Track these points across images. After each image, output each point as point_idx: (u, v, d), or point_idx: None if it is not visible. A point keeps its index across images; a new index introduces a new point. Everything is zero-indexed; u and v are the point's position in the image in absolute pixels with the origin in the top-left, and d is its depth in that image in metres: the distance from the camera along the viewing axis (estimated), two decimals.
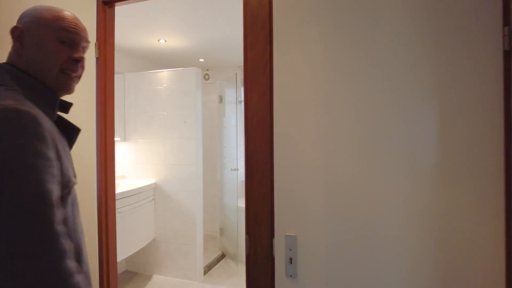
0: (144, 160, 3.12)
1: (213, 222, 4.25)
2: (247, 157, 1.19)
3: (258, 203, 1.17)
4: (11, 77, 0.74)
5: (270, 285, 1.12)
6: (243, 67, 1.22)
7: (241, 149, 3.96)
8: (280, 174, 1.11)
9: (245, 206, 1.20)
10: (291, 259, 1.08)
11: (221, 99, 3.75)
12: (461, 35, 0.90)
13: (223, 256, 3.60)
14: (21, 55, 0.78)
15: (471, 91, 0.89)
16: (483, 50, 0.88)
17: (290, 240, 1.08)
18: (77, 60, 0.81)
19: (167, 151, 3.03)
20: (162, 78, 3.04)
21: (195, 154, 2.94)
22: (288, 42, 1.08)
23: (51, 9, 0.80)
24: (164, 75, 3.03)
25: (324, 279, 1.04)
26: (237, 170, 3.48)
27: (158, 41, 3.02)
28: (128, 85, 3.14)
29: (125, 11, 2.31)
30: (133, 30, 2.72)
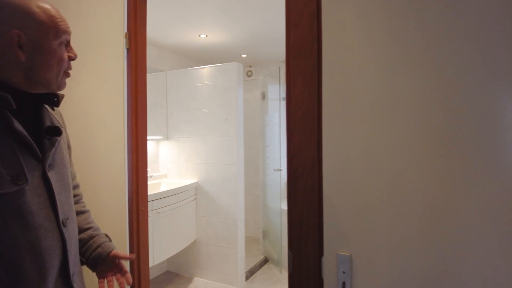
0: (186, 159, 3.06)
1: (256, 224, 4.12)
2: (290, 158, 1.00)
3: (303, 213, 0.98)
4: None
5: None
6: (285, 49, 1.02)
7: (285, 149, 3.69)
8: (330, 179, 0.90)
9: (287, 216, 1.02)
10: (344, 283, 0.87)
11: (263, 96, 3.58)
12: None
13: (266, 260, 3.43)
14: (21, 63, 0.72)
15: None
16: None
17: (343, 260, 0.88)
18: (72, 58, 0.82)
19: (208, 149, 2.93)
20: (203, 74, 2.95)
21: (236, 153, 2.81)
22: (341, 16, 0.85)
23: (38, 5, 0.72)
24: (205, 72, 2.94)
25: None
26: (280, 170, 3.29)
27: (199, 36, 2.93)
28: (170, 83, 3.11)
29: (164, 4, 2.23)
30: (173, 25, 2.65)
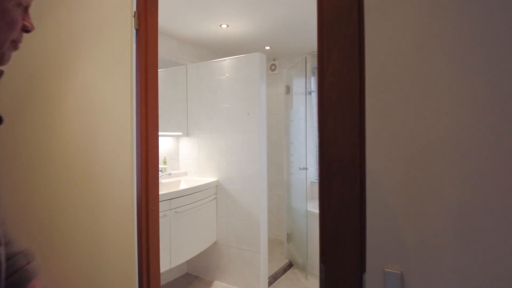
0: (206, 156, 2.92)
1: (280, 225, 3.92)
2: (322, 150, 0.81)
3: (339, 219, 0.80)
4: None
5: None
6: (317, 17, 0.83)
7: (311, 145, 3.50)
8: (376, 176, 0.71)
9: (319, 221, 0.83)
10: None
11: (288, 90, 3.36)
12: None
13: (290, 265, 3.22)
14: None
15: None
16: None
17: (391, 278, 0.71)
18: (27, 29, 0.60)
19: (229, 146, 2.77)
20: (224, 66, 2.79)
21: (258, 150, 2.63)
22: None
23: None
24: (226, 64, 2.78)
25: None
26: (306, 169, 3.07)
27: (219, 26, 2.77)
28: (190, 76, 2.97)
29: None
30: (193, 15, 2.51)
